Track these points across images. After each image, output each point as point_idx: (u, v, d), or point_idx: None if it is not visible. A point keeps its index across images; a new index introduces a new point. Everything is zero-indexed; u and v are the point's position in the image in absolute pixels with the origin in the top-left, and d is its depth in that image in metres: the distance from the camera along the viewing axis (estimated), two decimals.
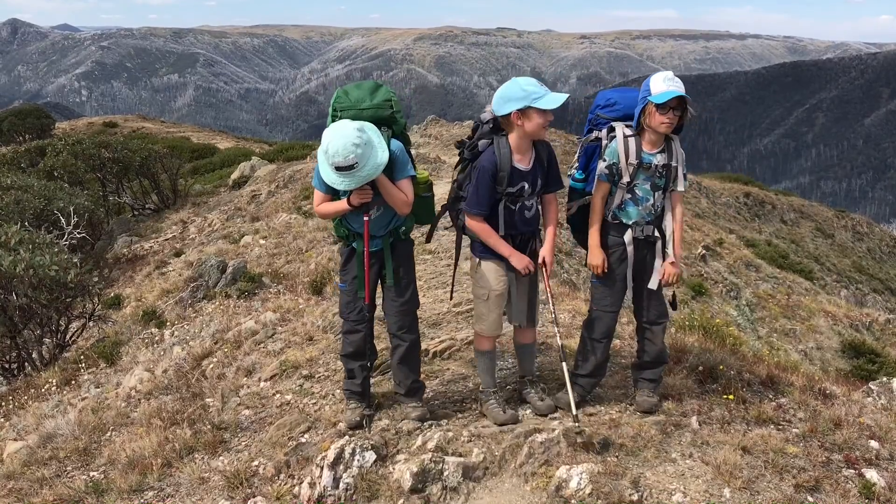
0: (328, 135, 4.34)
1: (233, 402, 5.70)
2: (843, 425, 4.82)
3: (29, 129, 34.42)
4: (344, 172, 4.30)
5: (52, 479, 4.96)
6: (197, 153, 31.84)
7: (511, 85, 4.52)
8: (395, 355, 4.85)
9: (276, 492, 4.24)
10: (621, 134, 4.75)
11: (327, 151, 4.30)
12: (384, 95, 4.67)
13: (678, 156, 4.73)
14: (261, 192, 18.33)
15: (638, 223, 4.81)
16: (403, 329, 4.82)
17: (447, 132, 19.69)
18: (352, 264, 4.80)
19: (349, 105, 4.60)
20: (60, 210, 14.48)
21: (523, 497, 4.07)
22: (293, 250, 11.42)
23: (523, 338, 5.03)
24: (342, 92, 4.69)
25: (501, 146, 4.58)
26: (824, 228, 27.14)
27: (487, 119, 4.73)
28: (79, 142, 20.62)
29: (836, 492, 4.10)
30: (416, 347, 4.92)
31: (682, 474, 4.22)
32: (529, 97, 4.42)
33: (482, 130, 4.74)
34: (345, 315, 4.91)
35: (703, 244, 17.52)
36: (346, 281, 4.84)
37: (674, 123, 4.60)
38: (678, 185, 4.76)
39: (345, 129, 4.30)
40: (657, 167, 4.70)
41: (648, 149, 4.72)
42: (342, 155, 4.24)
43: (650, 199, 4.76)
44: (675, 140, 4.76)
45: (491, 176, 4.55)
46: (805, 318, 15.88)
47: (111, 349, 8.63)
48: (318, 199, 4.76)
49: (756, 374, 5.65)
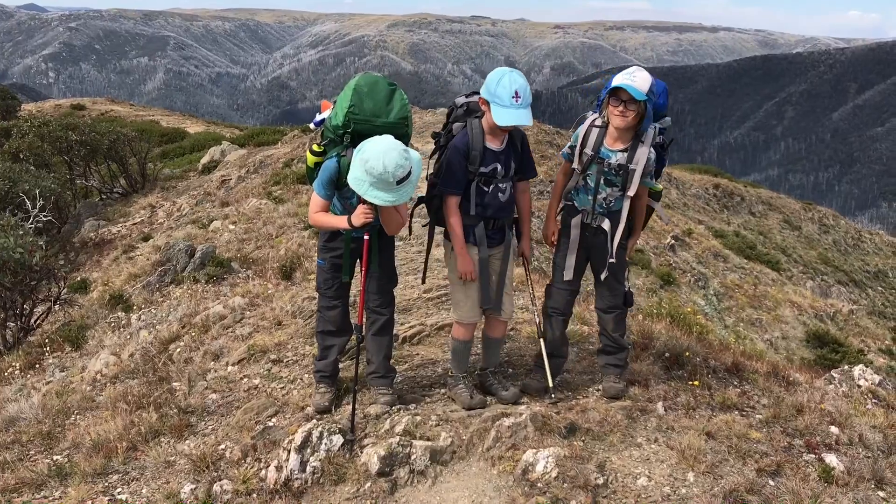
0: (375, 153, 4.13)
1: (200, 386, 5.67)
2: (805, 411, 4.91)
3: None
4: (402, 184, 4.18)
5: (15, 463, 4.88)
6: (166, 137, 31.38)
7: (494, 74, 4.48)
8: (372, 329, 4.83)
9: (242, 475, 4.22)
10: (588, 122, 4.77)
11: (385, 169, 4.09)
12: (400, 111, 4.52)
13: (641, 160, 4.61)
14: (231, 177, 18.15)
15: (588, 211, 4.83)
16: (383, 305, 4.83)
17: (420, 119, 19.58)
18: (335, 244, 4.73)
19: (364, 118, 4.44)
20: (26, 193, 14.24)
21: (490, 480, 4.10)
22: (263, 236, 11.34)
23: (494, 331, 5.01)
24: (355, 97, 4.45)
25: (474, 127, 4.59)
26: (791, 220, 27.48)
27: (462, 103, 4.73)
28: (45, 123, 20.21)
29: (797, 476, 4.18)
30: (391, 323, 4.94)
31: (647, 459, 4.28)
32: (492, 98, 4.41)
33: (456, 114, 4.74)
34: (322, 290, 4.89)
35: (672, 234, 17.67)
36: (326, 259, 4.80)
37: (626, 118, 4.53)
38: (631, 189, 4.68)
39: (388, 142, 4.18)
40: (612, 165, 4.68)
41: (610, 144, 4.71)
42: (402, 167, 4.13)
43: (602, 193, 4.76)
44: (645, 145, 4.61)
45: (462, 155, 4.55)
46: (771, 308, 16.11)
47: (77, 333, 8.52)
48: (317, 206, 4.60)
49: (722, 362, 5.73)
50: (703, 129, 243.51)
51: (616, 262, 4.83)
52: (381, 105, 4.47)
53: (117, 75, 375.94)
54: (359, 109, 4.43)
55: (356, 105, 4.43)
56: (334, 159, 4.51)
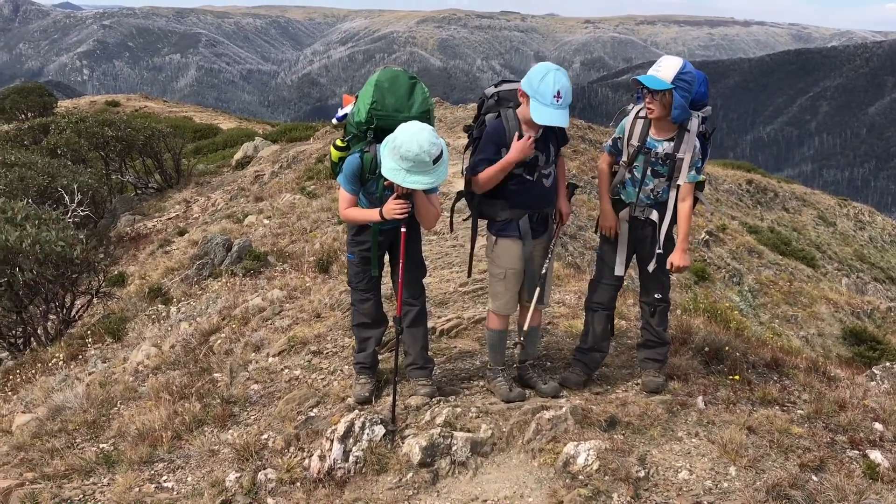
0: (406, 137, 4.15)
1: (241, 376, 5.74)
2: (848, 407, 4.87)
3: (31, 106, 34.25)
4: (437, 164, 4.20)
5: (63, 450, 5.00)
6: (199, 133, 31.68)
7: (539, 70, 4.42)
8: (406, 319, 4.85)
9: (286, 464, 4.28)
10: (633, 114, 4.76)
11: (421, 148, 4.11)
12: (422, 105, 4.54)
13: (689, 149, 4.61)
14: (264, 173, 18.29)
15: (636, 204, 4.82)
16: (414, 296, 4.86)
17: (451, 114, 19.60)
18: (363, 237, 4.78)
19: (386, 114, 4.46)
20: (64, 187, 14.48)
21: (531, 472, 4.11)
22: (297, 230, 11.43)
23: (530, 320, 5.02)
24: (377, 93, 4.47)
25: (509, 118, 4.57)
26: (826, 216, 27.08)
27: (492, 93, 4.71)
28: (82, 119, 20.56)
29: (841, 472, 4.15)
30: (424, 312, 4.98)
31: (688, 452, 4.27)
32: (534, 93, 4.38)
33: (488, 104, 4.72)
34: (354, 284, 4.94)
35: (706, 230, 17.52)
36: (355, 252, 4.84)
37: (655, 110, 4.53)
38: (681, 178, 4.68)
39: (415, 125, 4.21)
40: (659, 154, 4.67)
41: (655, 134, 4.70)
42: (435, 145, 4.15)
43: (649, 184, 4.75)
44: (691, 132, 4.60)
45: (495, 142, 4.53)
46: (807, 304, 15.91)
47: (117, 325, 8.67)
48: (346, 202, 4.64)
49: (760, 357, 5.70)
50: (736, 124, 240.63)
51: (664, 253, 4.81)
52: (403, 100, 4.51)
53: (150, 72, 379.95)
54: (381, 105, 4.47)
55: (378, 101, 4.47)
56: (356, 155, 4.55)
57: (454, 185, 8.83)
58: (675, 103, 4.49)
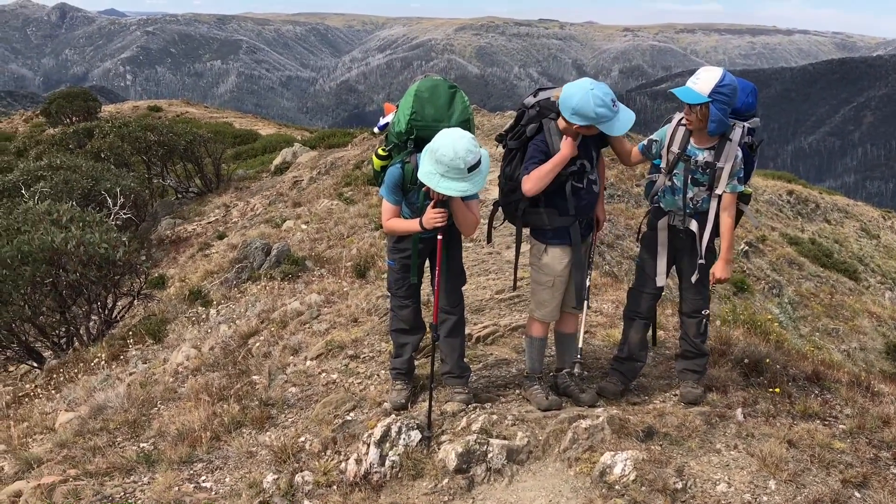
0: (444, 141, 4.17)
1: (279, 379, 5.80)
2: (892, 423, 4.77)
3: (76, 111, 34.94)
4: (473, 172, 4.20)
5: (105, 449, 5.10)
6: (239, 139, 32.11)
7: (584, 98, 4.33)
8: (443, 329, 4.85)
9: (323, 467, 4.31)
10: (675, 121, 4.74)
11: (456, 154, 4.12)
12: (462, 114, 4.52)
13: (730, 158, 4.54)
14: (303, 178, 18.48)
15: (675, 213, 4.79)
16: (452, 304, 4.85)
17: (488, 122, 19.60)
18: (404, 245, 4.79)
19: (425, 124, 4.46)
20: (107, 191, 14.78)
21: (567, 481, 4.10)
22: (335, 235, 11.53)
23: (567, 326, 5.01)
24: (416, 104, 4.48)
25: (552, 131, 4.58)
26: (869, 229, 26.57)
27: (532, 103, 4.69)
28: (125, 124, 20.96)
29: (885, 488, 4.07)
30: (462, 322, 4.97)
31: (727, 465, 4.22)
32: (598, 121, 4.36)
33: (529, 115, 4.69)
34: (393, 291, 4.95)
35: (746, 240, 17.30)
36: (395, 259, 4.86)
37: (693, 123, 4.51)
38: (720, 187, 4.61)
39: (456, 131, 4.23)
40: (699, 163, 4.63)
41: (696, 142, 4.67)
42: (472, 153, 4.15)
43: (690, 193, 4.71)
44: (733, 142, 4.53)
45: (543, 152, 4.54)
46: (848, 318, 15.63)
47: (158, 326, 8.80)
48: (389, 213, 4.63)
49: (801, 370, 5.61)
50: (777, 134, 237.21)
51: (706, 264, 4.77)
52: (443, 110, 4.49)
53: (191, 78, 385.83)
54: (420, 116, 4.46)
55: (417, 112, 4.46)
56: (398, 165, 4.55)
57: (490, 193, 8.86)
58: (711, 117, 4.44)
